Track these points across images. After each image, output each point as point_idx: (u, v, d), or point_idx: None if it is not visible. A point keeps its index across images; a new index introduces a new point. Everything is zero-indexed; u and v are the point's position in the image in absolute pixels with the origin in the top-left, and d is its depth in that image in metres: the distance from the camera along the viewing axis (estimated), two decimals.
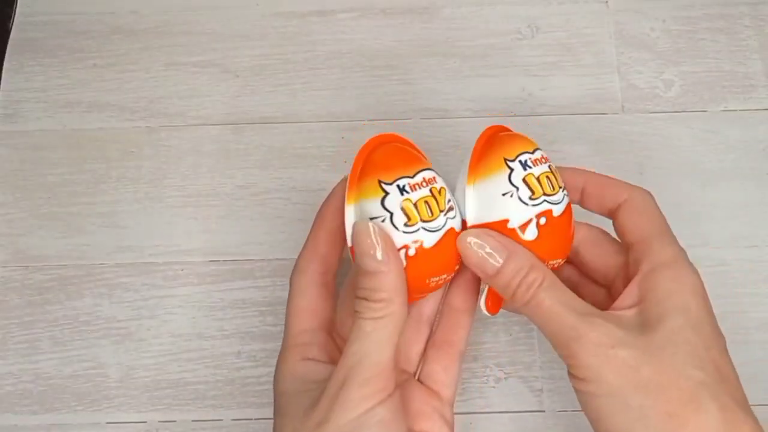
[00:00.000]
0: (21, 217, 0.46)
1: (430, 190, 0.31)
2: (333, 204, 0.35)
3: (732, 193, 0.46)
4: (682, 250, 0.33)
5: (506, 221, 0.32)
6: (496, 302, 0.34)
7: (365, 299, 0.30)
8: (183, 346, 0.43)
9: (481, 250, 0.31)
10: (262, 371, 0.42)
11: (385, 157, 0.32)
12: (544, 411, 0.41)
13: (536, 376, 0.42)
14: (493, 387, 0.41)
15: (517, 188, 0.32)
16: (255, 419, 0.41)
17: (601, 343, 0.29)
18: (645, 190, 0.35)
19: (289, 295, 0.35)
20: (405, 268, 0.31)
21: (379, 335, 0.29)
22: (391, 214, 0.30)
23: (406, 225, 0.30)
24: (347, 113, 0.48)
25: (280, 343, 0.42)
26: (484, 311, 0.34)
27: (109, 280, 0.45)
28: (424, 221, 0.30)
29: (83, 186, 0.47)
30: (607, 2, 0.51)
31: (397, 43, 0.50)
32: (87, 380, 0.42)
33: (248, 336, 0.43)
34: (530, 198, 0.32)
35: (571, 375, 0.31)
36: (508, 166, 0.32)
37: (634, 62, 0.49)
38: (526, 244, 0.32)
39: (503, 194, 0.32)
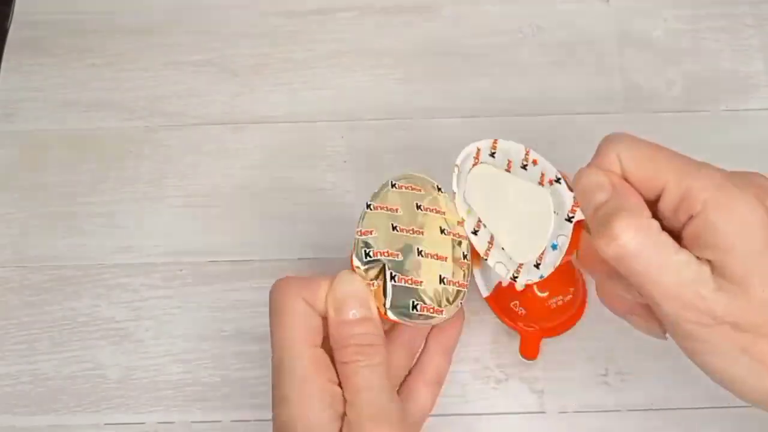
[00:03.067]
0: (19, 217, 0.46)
1: None
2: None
3: None
4: (714, 173, 0.26)
5: (500, 283, 0.39)
6: (532, 348, 0.39)
7: (358, 345, 0.31)
8: (182, 347, 0.43)
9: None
10: (261, 372, 0.42)
11: None
12: (545, 412, 0.41)
13: (537, 377, 0.41)
14: (494, 388, 0.41)
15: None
16: (254, 420, 0.41)
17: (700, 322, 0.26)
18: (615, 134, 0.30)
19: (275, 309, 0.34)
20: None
21: (382, 384, 0.30)
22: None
23: None
24: (347, 112, 0.48)
25: None
26: (521, 357, 0.40)
27: (107, 281, 0.44)
28: None
29: (82, 186, 0.47)
30: (608, 1, 0.51)
31: (397, 42, 0.50)
32: (86, 381, 0.42)
33: (247, 337, 0.43)
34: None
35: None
36: None
37: (635, 61, 0.49)
38: (518, 296, 0.39)
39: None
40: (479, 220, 0.35)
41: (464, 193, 0.35)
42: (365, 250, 0.33)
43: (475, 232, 0.35)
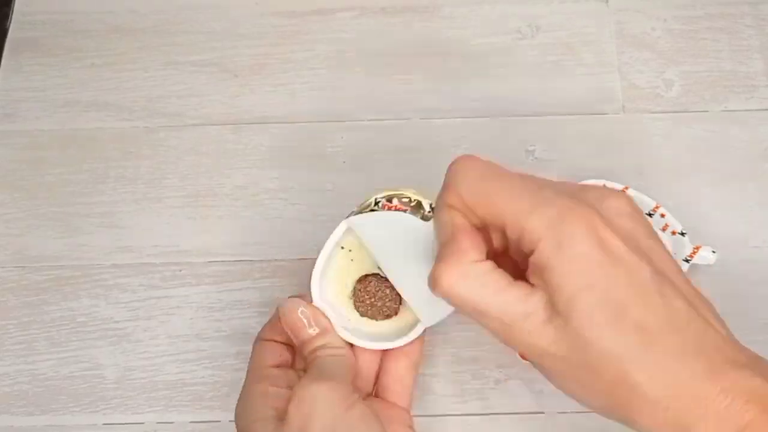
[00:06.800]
0: (19, 217, 0.46)
1: None
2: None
3: (733, 194, 0.45)
4: (547, 210, 0.27)
5: None
6: None
7: (323, 347, 0.36)
8: (181, 347, 0.43)
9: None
10: None
11: None
12: (543, 413, 0.41)
13: (536, 378, 0.41)
14: (493, 388, 0.41)
15: None
16: None
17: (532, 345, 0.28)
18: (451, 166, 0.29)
19: (251, 355, 0.38)
20: None
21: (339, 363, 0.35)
22: None
23: None
24: (347, 113, 0.48)
25: None
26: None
27: (106, 281, 0.44)
28: None
29: (81, 186, 0.47)
30: (607, 1, 0.51)
31: (396, 42, 0.50)
32: (84, 381, 0.42)
33: (246, 337, 0.43)
34: None
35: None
36: None
37: (634, 62, 0.49)
38: None
39: None
40: None
41: None
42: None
43: None
